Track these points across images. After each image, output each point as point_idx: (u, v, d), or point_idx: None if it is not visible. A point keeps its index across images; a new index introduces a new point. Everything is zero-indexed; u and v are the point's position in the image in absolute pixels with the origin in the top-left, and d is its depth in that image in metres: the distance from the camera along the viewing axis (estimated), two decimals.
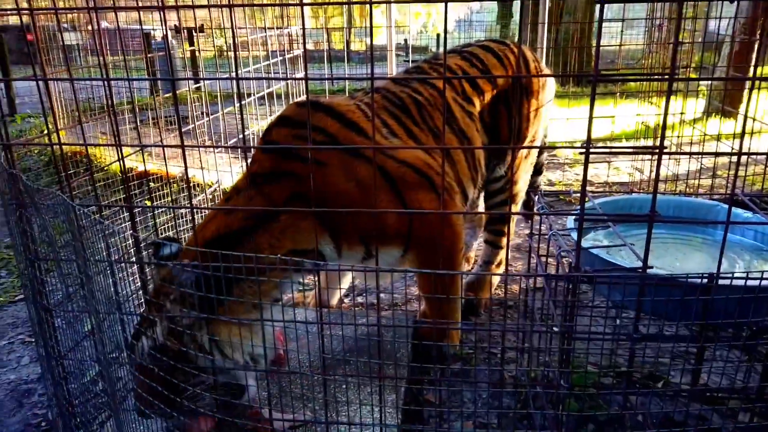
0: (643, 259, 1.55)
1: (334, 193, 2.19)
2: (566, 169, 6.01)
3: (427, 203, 2.37)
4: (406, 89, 2.72)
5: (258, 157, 2.27)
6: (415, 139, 2.56)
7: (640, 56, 10.98)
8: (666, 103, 1.46)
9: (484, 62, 2.96)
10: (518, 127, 3.03)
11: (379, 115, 2.51)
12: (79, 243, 1.52)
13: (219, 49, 10.69)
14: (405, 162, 2.38)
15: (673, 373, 2.46)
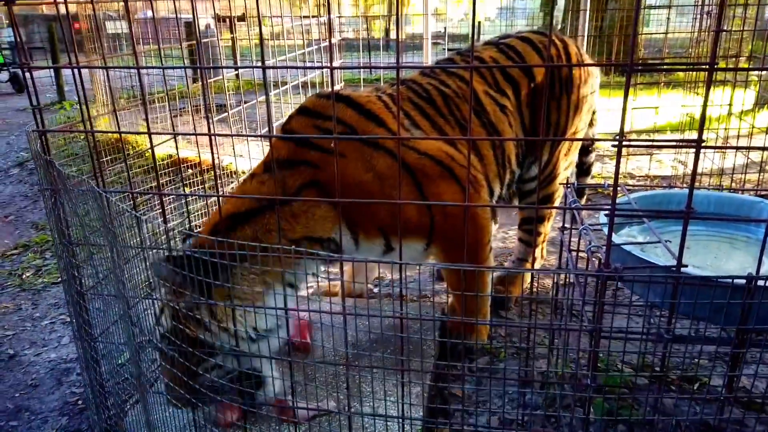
0: (677, 257, 1.48)
1: (351, 185, 2.19)
2: (606, 161, 5.86)
3: (450, 196, 2.34)
4: (434, 81, 2.67)
5: (276, 145, 2.28)
6: (440, 130, 2.52)
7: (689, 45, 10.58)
8: (705, 94, 1.38)
9: (521, 54, 2.83)
10: (557, 123, 2.91)
11: (402, 107, 2.48)
12: (109, 230, 1.55)
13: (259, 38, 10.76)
14: (426, 154, 2.35)
15: (710, 374, 2.38)
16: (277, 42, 6.31)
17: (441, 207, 2.31)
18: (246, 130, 4.81)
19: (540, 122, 2.83)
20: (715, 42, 1.32)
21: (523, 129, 2.82)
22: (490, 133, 2.66)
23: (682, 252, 1.47)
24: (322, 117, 2.26)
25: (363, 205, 2.20)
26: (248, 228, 2.09)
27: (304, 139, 2.21)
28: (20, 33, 1.73)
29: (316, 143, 2.20)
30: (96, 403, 2.10)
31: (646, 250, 1.79)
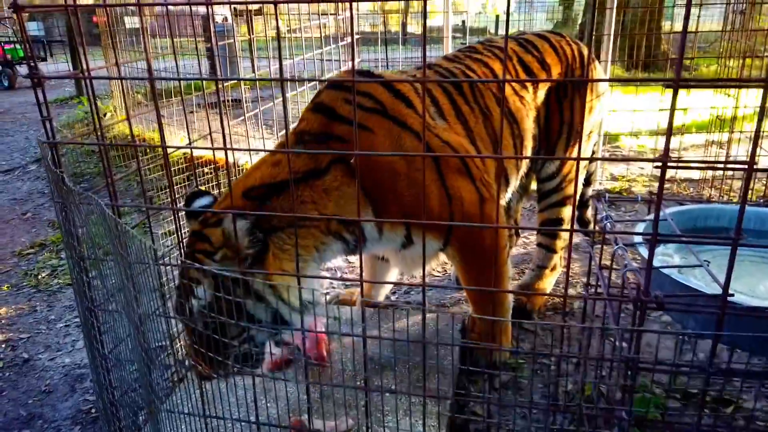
0: (724, 285, 1.38)
1: (378, 162, 2.14)
2: (630, 162, 5.70)
3: (467, 193, 2.28)
4: (460, 65, 2.66)
5: (306, 116, 2.23)
6: (464, 120, 2.48)
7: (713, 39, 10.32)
8: (761, 114, 1.27)
9: (540, 50, 2.84)
10: (570, 121, 2.87)
11: (430, 92, 2.43)
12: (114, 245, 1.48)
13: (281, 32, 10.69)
14: (448, 143, 2.31)
15: (746, 397, 2.26)
16: (294, 36, 6.23)
17: (460, 206, 2.27)
18: (261, 128, 4.74)
19: (553, 118, 2.86)
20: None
21: (537, 124, 2.81)
22: (510, 122, 2.64)
23: (729, 280, 1.36)
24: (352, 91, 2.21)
25: (390, 187, 2.15)
26: (283, 199, 2.03)
27: (335, 114, 2.16)
28: (41, 27, 1.66)
29: (344, 116, 2.15)
30: (107, 416, 2.04)
31: (685, 272, 1.68)
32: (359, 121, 2.14)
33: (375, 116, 2.18)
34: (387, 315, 2.83)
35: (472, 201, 2.30)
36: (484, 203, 2.34)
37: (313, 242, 2.11)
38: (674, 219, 2.02)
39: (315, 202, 2.08)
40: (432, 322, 2.74)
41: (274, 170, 2.09)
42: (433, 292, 3.33)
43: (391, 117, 2.19)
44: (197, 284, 1.89)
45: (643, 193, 4.64)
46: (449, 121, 2.40)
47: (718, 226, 2.04)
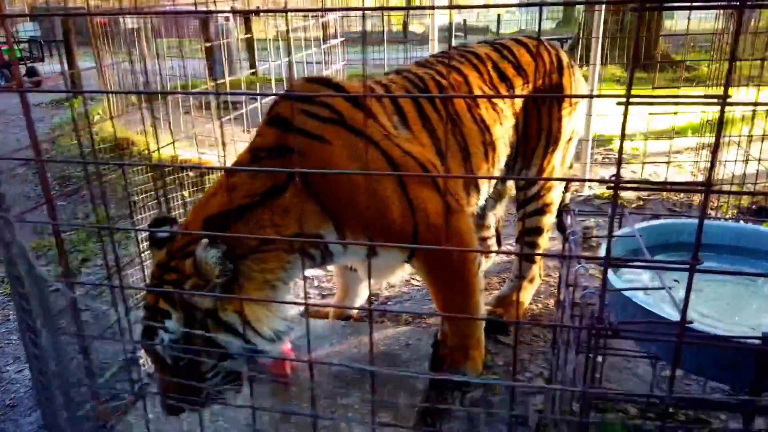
0: (681, 311, 1.29)
1: (338, 175, 2.06)
2: (623, 166, 5.60)
3: (432, 204, 2.19)
4: (431, 71, 2.58)
5: (262, 131, 2.16)
6: (432, 128, 2.39)
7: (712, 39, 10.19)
8: (718, 132, 1.19)
9: (516, 55, 2.75)
10: (549, 128, 2.79)
11: (396, 100, 2.35)
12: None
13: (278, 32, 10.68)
14: (410, 154, 2.22)
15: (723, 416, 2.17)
16: (295, 35, 6.19)
17: (424, 217, 2.19)
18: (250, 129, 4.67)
19: (531, 125, 2.78)
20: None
21: (515, 132, 2.73)
22: (481, 129, 2.56)
23: (687, 307, 1.28)
24: (310, 101, 2.13)
25: (348, 202, 2.07)
26: (242, 225, 1.97)
27: (290, 125, 2.07)
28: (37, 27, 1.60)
29: (302, 128, 2.06)
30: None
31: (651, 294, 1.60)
32: (315, 132, 2.07)
33: (332, 126, 2.09)
34: (358, 329, 2.75)
35: (438, 212, 2.21)
36: (452, 214, 2.26)
37: (279, 263, 2.05)
38: (645, 234, 1.93)
39: (276, 224, 2.01)
40: (404, 336, 2.67)
41: (230, 197, 2.01)
42: (411, 303, 3.26)
43: (350, 127, 2.10)
44: (167, 317, 1.85)
45: (634, 198, 4.55)
46: (414, 129, 2.31)
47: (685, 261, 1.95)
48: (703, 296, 1.71)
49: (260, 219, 1.99)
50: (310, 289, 3.49)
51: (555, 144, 2.87)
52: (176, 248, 1.94)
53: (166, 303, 1.86)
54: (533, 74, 2.75)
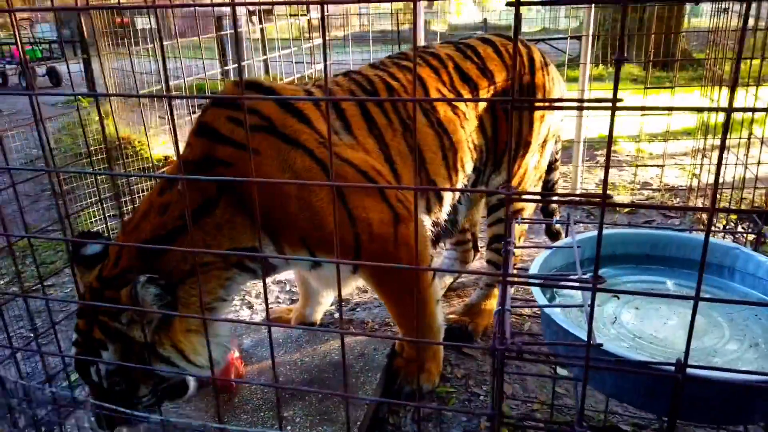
0: (587, 332, 1.19)
1: (266, 186, 1.95)
2: (624, 168, 5.41)
3: (376, 213, 2.09)
4: (382, 73, 2.46)
5: (191, 141, 2.06)
6: (379, 134, 2.28)
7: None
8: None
9: (481, 55, 2.63)
10: (519, 132, 2.67)
11: (337, 104, 2.24)
12: None
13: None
14: (349, 161, 2.11)
15: None
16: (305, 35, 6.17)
17: (367, 227, 2.09)
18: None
19: (500, 128, 2.66)
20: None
21: (483, 135, 2.62)
22: (438, 133, 2.44)
23: (591, 327, 1.17)
24: (238, 107, 2.02)
25: (281, 213, 1.98)
26: (176, 251, 1.90)
27: (218, 135, 1.99)
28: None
29: (229, 138, 1.97)
30: None
31: (576, 313, 1.49)
32: (244, 141, 1.95)
33: (260, 134, 1.99)
34: (314, 337, 2.67)
35: (383, 220, 2.11)
36: (399, 223, 2.16)
37: (217, 282, 2.01)
38: (591, 245, 1.82)
39: (209, 244, 1.95)
40: (359, 345, 2.59)
41: (163, 219, 1.93)
42: (381, 309, 3.17)
43: (280, 134, 2.01)
44: (103, 347, 1.83)
45: (627, 201, 4.38)
46: (358, 135, 2.21)
47: (638, 253, 1.83)
48: (639, 314, 1.60)
49: (195, 241, 1.92)
50: (280, 294, 3.43)
51: (526, 147, 2.75)
52: (109, 275, 1.88)
53: (101, 333, 1.82)
54: (500, 74, 2.64)
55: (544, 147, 2.87)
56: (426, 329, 2.33)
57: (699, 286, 1.09)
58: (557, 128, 2.97)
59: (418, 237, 2.25)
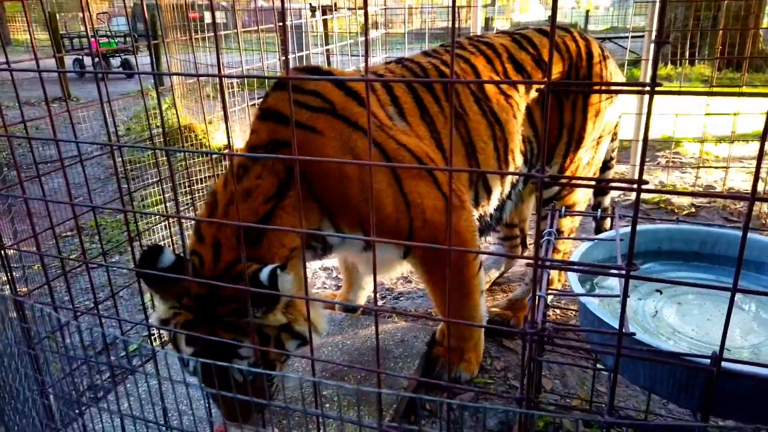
0: (619, 321, 1.18)
1: (327, 166, 1.99)
2: (687, 170, 5.20)
3: (429, 200, 2.10)
4: (435, 61, 2.48)
5: (256, 126, 2.09)
6: (431, 121, 2.30)
7: None
8: (646, 124, 1.07)
9: (536, 46, 2.60)
10: (571, 126, 2.63)
11: (392, 88, 2.27)
12: None
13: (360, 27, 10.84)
14: (405, 146, 2.13)
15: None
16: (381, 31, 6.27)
17: (420, 213, 2.10)
18: None
19: (552, 121, 2.62)
20: None
21: (533, 128, 2.58)
22: (491, 123, 2.44)
23: (624, 315, 1.16)
24: (301, 91, 2.07)
25: (342, 194, 2.02)
26: (272, 235, 1.89)
27: (281, 117, 2.03)
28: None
29: (297, 121, 2.01)
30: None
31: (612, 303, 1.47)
32: (306, 123, 2.01)
33: (324, 116, 2.03)
34: (356, 321, 2.73)
35: (436, 208, 2.12)
36: (451, 212, 2.16)
37: (299, 261, 1.95)
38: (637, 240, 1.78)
39: (295, 225, 1.92)
40: (400, 332, 2.63)
41: (251, 204, 1.91)
42: (424, 300, 3.19)
43: (342, 117, 2.04)
44: (236, 346, 1.72)
45: (687, 204, 4.22)
46: (411, 122, 2.23)
47: (687, 250, 1.78)
48: (681, 311, 1.56)
49: (284, 223, 1.92)
50: (327, 280, 3.51)
51: (579, 142, 2.70)
52: (216, 273, 1.79)
53: (228, 333, 1.71)
54: (556, 66, 2.59)
55: (599, 144, 2.81)
56: (468, 319, 2.33)
57: (737, 278, 1.07)
58: (613, 125, 2.89)
59: (469, 226, 2.25)
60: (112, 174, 6.75)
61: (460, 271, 2.25)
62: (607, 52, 2.75)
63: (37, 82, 1.79)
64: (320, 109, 2.06)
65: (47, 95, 1.83)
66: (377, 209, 2.04)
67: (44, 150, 6.56)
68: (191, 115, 7.16)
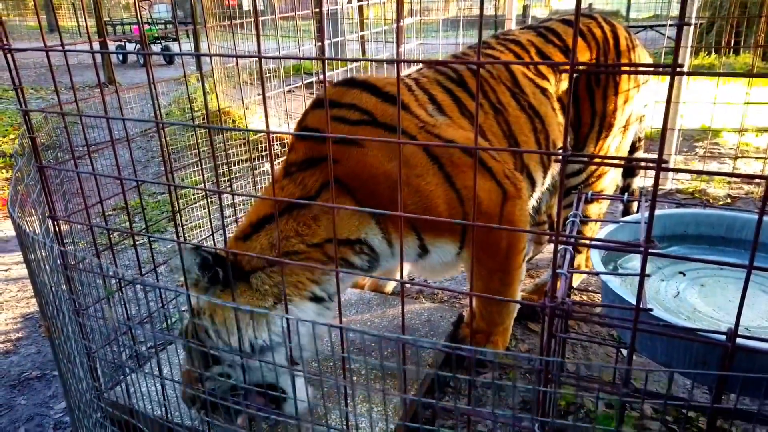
0: (636, 297, 1.23)
1: (374, 176, 1.98)
2: (725, 161, 5.11)
3: (484, 192, 2.09)
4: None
5: (294, 146, 2.13)
6: (470, 117, 2.31)
7: None
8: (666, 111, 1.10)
9: (562, 37, 2.62)
10: (603, 112, 2.64)
11: (428, 89, 2.31)
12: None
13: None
14: (453, 140, 2.12)
15: None
16: (418, 18, 6.31)
17: (476, 205, 2.05)
18: None
19: (583, 109, 2.64)
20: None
21: (567, 116, 2.59)
22: (531, 116, 2.46)
23: (641, 290, 1.21)
24: (337, 106, 2.10)
25: (389, 200, 1.97)
26: (263, 235, 1.97)
27: (321, 135, 2.10)
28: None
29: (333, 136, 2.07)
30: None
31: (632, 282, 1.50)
32: (347, 137, 1.99)
33: (363, 128, 2.04)
34: (385, 301, 2.81)
35: (492, 199, 2.10)
36: (507, 201, 2.12)
37: (307, 277, 1.96)
38: (662, 223, 1.81)
39: (300, 233, 1.96)
40: (426, 312, 2.69)
41: (260, 207, 2.03)
42: (450, 283, 3.25)
43: (382, 125, 2.04)
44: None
45: (722, 195, 4.16)
46: (452, 116, 2.24)
47: (713, 234, 1.79)
48: (704, 291, 1.58)
49: (283, 230, 1.96)
50: None
51: (609, 129, 2.71)
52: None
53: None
54: (584, 55, 2.61)
55: (627, 129, 2.81)
56: (504, 308, 2.37)
57: (753, 256, 1.10)
58: (641, 110, 2.88)
59: (522, 216, 2.20)
60: (152, 157, 6.97)
61: (508, 260, 2.22)
62: (634, 37, 2.75)
63: (79, 68, 1.91)
64: (359, 122, 2.06)
65: (98, 77, 1.95)
66: (429, 208, 2.02)
67: (90, 134, 6.80)
68: (228, 100, 7.32)
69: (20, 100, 1.71)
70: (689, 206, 4.04)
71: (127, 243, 4.26)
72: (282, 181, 2.07)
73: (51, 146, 3.93)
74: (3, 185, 5.79)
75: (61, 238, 1.96)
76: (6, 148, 7.08)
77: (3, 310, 3.42)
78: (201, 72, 2.31)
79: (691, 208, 1.80)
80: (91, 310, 1.97)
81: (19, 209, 1.88)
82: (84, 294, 2.02)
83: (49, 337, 2.01)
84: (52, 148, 3.92)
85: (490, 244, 2.17)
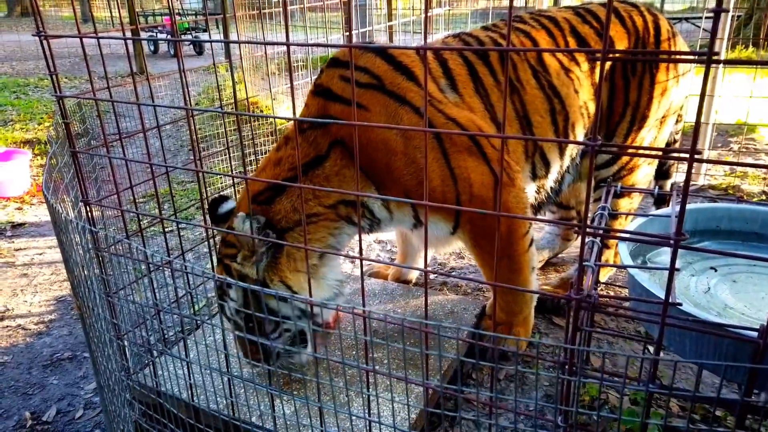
0: (666, 291, 1.20)
1: (374, 141, 2.08)
2: (761, 157, 4.97)
3: (477, 175, 2.13)
4: (494, 35, 2.49)
5: (308, 101, 2.23)
6: (485, 94, 2.31)
7: None
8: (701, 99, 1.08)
9: (600, 19, 2.56)
10: (637, 103, 2.58)
11: (445, 60, 2.30)
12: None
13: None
14: (454, 120, 2.16)
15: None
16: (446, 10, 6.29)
17: (467, 187, 2.14)
18: None
19: (617, 98, 2.60)
20: None
21: (598, 104, 2.55)
22: (548, 96, 2.43)
23: (671, 285, 1.18)
24: (349, 67, 2.15)
25: (387, 168, 2.09)
26: (285, 199, 2.08)
27: (331, 94, 2.14)
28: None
29: (341, 96, 2.12)
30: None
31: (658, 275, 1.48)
32: (355, 100, 2.07)
33: (370, 92, 2.10)
34: (408, 291, 2.81)
35: (484, 183, 2.15)
36: (500, 187, 2.19)
37: (326, 232, 2.14)
38: (694, 217, 1.77)
39: (317, 195, 2.10)
40: (450, 303, 2.69)
41: (275, 170, 2.12)
42: (475, 276, 3.23)
43: (389, 92, 2.10)
44: (229, 288, 2.03)
45: (757, 192, 4.05)
46: (463, 94, 2.26)
47: (746, 230, 1.75)
48: (736, 287, 1.54)
49: (303, 191, 2.04)
50: (381, 252, 3.60)
51: (643, 121, 2.65)
52: (230, 225, 2.08)
53: (227, 275, 2.03)
54: (621, 41, 2.55)
55: (663, 123, 2.75)
56: (519, 295, 2.36)
57: None
58: (679, 105, 2.82)
59: (518, 203, 2.26)
60: (182, 146, 7.07)
61: (510, 246, 2.26)
62: (676, 30, 2.68)
63: (112, 58, 1.95)
64: (368, 85, 2.13)
65: (131, 66, 1.98)
66: (423, 184, 2.08)
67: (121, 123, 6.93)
68: (256, 90, 7.37)
69: (55, 86, 1.75)
70: (722, 202, 3.96)
71: (156, 229, 4.35)
72: (297, 138, 2.14)
73: (83, 134, 4.01)
74: (38, 172, 5.94)
75: (93, 223, 2.00)
76: (41, 135, 7.25)
77: (37, 293, 3.52)
78: (230, 60, 2.32)
79: (726, 203, 1.76)
80: (121, 293, 2.02)
81: (53, 193, 1.92)
82: (115, 276, 2.06)
83: (80, 315, 2.06)
84: (84, 135, 4.00)
85: (486, 228, 2.20)
